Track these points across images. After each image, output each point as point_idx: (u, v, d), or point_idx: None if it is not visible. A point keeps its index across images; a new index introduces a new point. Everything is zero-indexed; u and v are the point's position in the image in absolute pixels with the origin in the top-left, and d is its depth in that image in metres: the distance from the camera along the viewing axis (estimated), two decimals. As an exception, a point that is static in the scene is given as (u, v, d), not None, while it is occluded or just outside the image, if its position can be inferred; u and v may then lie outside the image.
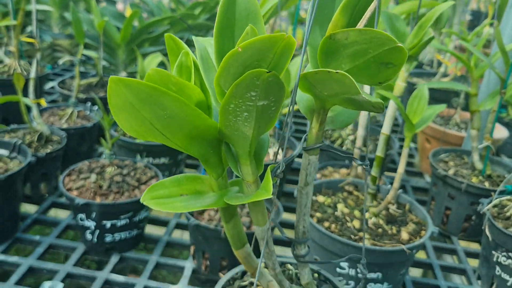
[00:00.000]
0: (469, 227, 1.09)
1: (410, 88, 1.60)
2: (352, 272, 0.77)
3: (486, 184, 1.06)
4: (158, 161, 1.09)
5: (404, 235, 0.81)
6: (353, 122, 0.44)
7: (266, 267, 0.51)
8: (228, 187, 0.45)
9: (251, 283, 0.56)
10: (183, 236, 1.15)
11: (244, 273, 0.60)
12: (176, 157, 1.12)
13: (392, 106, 0.79)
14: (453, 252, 1.08)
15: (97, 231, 0.88)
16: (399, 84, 0.77)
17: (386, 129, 0.80)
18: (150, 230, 1.01)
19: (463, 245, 1.09)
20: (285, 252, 1.31)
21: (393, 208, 0.89)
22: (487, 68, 1.02)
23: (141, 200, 0.40)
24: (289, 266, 0.59)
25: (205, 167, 0.43)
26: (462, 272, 1.01)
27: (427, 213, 0.86)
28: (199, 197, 0.43)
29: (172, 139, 0.38)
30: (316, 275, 0.58)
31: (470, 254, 1.07)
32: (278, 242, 1.01)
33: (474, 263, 1.03)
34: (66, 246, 0.95)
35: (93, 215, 0.86)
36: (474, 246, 1.12)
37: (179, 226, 1.05)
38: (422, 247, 1.07)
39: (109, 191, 0.89)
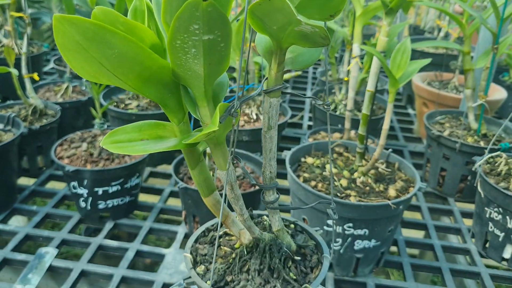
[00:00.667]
0: (465, 187, 1.09)
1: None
2: (339, 229, 0.77)
3: (481, 143, 1.05)
4: (151, 131, 1.10)
5: (392, 192, 0.80)
6: (313, 64, 0.43)
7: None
8: (191, 132, 0.45)
9: (226, 233, 0.56)
10: (178, 203, 1.16)
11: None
12: (170, 127, 1.12)
13: (375, 62, 0.78)
14: (449, 213, 1.08)
15: (90, 198, 0.90)
16: (382, 39, 0.76)
17: (371, 86, 0.80)
18: (145, 198, 1.03)
19: (459, 206, 1.09)
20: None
21: (382, 167, 0.88)
22: (479, 25, 1.00)
23: (101, 144, 0.41)
24: (265, 217, 0.59)
25: (165, 111, 0.43)
26: (457, 231, 1.01)
27: (416, 171, 0.85)
28: (159, 141, 0.44)
29: (124, 81, 0.38)
30: (292, 225, 0.58)
31: (466, 215, 1.06)
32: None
33: (469, 223, 1.03)
34: (62, 215, 0.96)
35: (85, 182, 0.88)
36: (470, 207, 1.11)
37: (174, 194, 1.06)
38: (417, 208, 1.07)
39: (100, 158, 0.90)
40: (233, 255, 0.52)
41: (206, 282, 0.48)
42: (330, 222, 0.78)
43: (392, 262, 0.88)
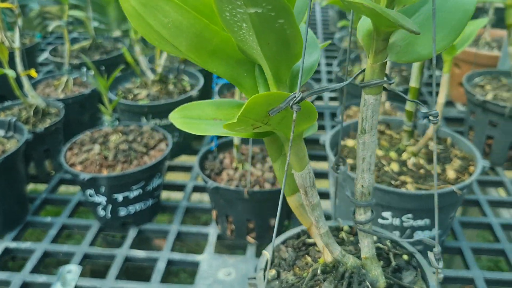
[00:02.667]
0: (514, 155, 0.99)
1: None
2: (396, 221, 0.68)
3: (531, 106, 0.95)
4: (166, 122, 1.00)
5: (451, 174, 0.71)
6: (428, 57, 0.32)
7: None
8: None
9: (304, 243, 0.48)
10: (203, 198, 1.07)
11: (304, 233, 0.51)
12: (186, 116, 1.02)
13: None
14: (499, 184, 0.99)
15: (110, 206, 0.81)
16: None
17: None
18: (166, 195, 0.94)
19: (509, 175, 1.00)
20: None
21: (432, 144, 0.79)
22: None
23: (169, 117, 0.34)
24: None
25: (242, 92, 0.37)
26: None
27: (473, 146, 0.76)
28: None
29: (186, 53, 0.32)
30: (406, 257, 0.47)
31: (518, 185, 0.97)
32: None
33: (524, 193, 0.94)
34: (79, 225, 0.88)
35: (102, 189, 0.78)
36: (522, 175, 1.02)
37: (197, 189, 0.97)
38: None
39: (116, 161, 0.80)
40: (310, 270, 0.43)
41: None
42: (385, 214, 0.69)
43: (451, 248, 0.79)
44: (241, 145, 0.83)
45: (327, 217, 0.87)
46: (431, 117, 0.31)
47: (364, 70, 0.34)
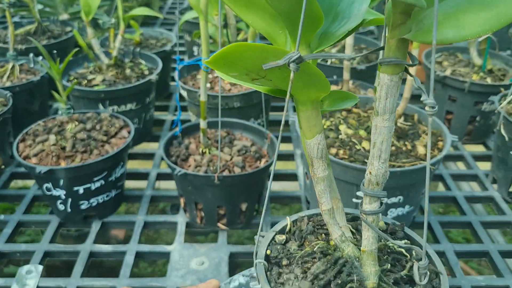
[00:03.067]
0: (473, 129, 1.01)
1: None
2: (370, 200, 0.68)
3: (489, 80, 0.97)
4: (124, 108, 0.95)
5: (421, 150, 0.71)
6: (464, 40, 0.28)
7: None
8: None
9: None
10: (169, 186, 1.04)
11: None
12: (144, 101, 0.97)
13: None
14: (459, 158, 1.01)
15: (70, 200, 0.76)
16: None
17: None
18: (129, 185, 0.89)
19: (468, 149, 1.02)
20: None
21: (400, 121, 0.79)
22: None
23: (205, 61, 0.29)
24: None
25: None
26: (473, 178, 0.94)
27: (440, 121, 0.76)
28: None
29: None
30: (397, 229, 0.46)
31: (478, 158, 1.00)
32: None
33: (483, 167, 0.96)
34: (37, 221, 0.82)
35: (61, 182, 0.73)
36: (480, 149, 1.05)
37: (161, 177, 0.93)
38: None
39: (75, 151, 0.75)
40: (310, 247, 0.42)
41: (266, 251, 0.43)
42: (359, 193, 0.68)
43: (421, 223, 0.80)
44: (207, 129, 0.80)
45: (297, 200, 0.86)
46: (427, 108, 0.28)
47: (383, 47, 0.32)
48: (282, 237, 0.45)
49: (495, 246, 0.75)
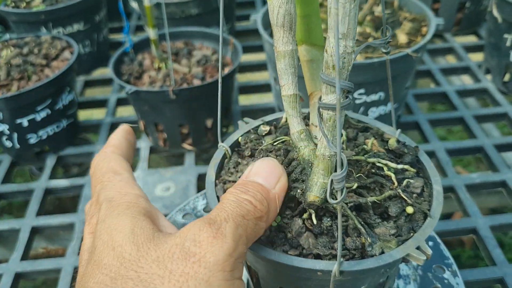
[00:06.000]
0: (463, 17, 0.91)
1: None
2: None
3: (478, -42, 0.86)
4: (71, 30, 0.84)
5: (402, 38, 0.62)
6: None
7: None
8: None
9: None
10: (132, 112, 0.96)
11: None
12: (93, 20, 0.86)
13: None
14: (449, 51, 0.92)
15: (15, 134, 0.68)
16: None
17: None
18: (87, 115, 0.81)
19: (459, 41, 0.93)
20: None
21: (378, 9, 0.69)
22: None
23: None
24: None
25: None
26: (464, 70, 0.86)
27: (423, 4, 0.67)
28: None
29: None
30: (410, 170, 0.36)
31: (469, 49, 0.91)
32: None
33: (476, 58, 0.87)
34: (-14, 162, 0.75)
35: (0, 115, 0.65)
36: (472, 39, 0.95)
37: (122, 102, 0.85)
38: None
39: (10, 80, 0.66)
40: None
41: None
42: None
43: (408, 123, 0.73)
44: (160, 41, 0.70)
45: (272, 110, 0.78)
46: None
47: None
48: (266, 128, 0.38)
49: (490, 140, 0.68)
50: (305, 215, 0.30)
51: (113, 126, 0.79)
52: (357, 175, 0.31)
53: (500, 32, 0.73)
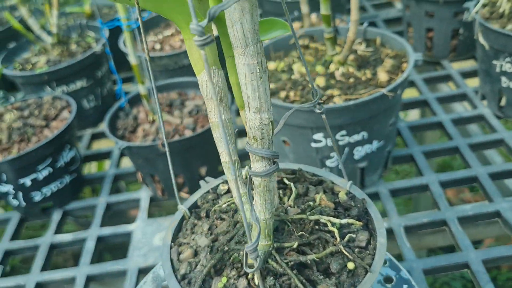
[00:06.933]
0: (458, 43, 0.91)
1: None
2: (329, 142, 0.60)
3: (466, -14, 0.86)
4: (75, 87, 0.88)
5: (382, 76, 0.63)
6: None
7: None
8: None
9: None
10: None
11: None
12: (95, 76, 0.90)
13: None
14: (447, 78, 0.91)
15: (20, 193, 0.71)
16: None
17: None
18: (93, 168, 0.84)
19: (456, 67, 0.92)
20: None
21: (361, 48, 0.70)
22: None
23: None
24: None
25: None
26: (462, 97, 0.85)
27: (404, 40, 0.67)
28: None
29: None
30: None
31: (467, 75, 0.90)
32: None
33: (473, 83, 0.87)
34: (-2, 220, 0.78)
35: (4, 177, 0.68)
36: (470, 64, 0.95)
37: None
38: (411, 84, 0.90)
39: (11, 142, 0.70)
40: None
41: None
42: (316, 136, 0.60)
43: (401, 157, 0.72)
44: (150, 95, 0.73)
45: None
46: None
47: None
48: (225, 187, 0.40)
49: (484, 169, 0.67)
50: (249, 275, 0.31)
51: (117, 177, 0.81)
52: (299, 233, 0.32)
53: (489, 59, 0.73)
